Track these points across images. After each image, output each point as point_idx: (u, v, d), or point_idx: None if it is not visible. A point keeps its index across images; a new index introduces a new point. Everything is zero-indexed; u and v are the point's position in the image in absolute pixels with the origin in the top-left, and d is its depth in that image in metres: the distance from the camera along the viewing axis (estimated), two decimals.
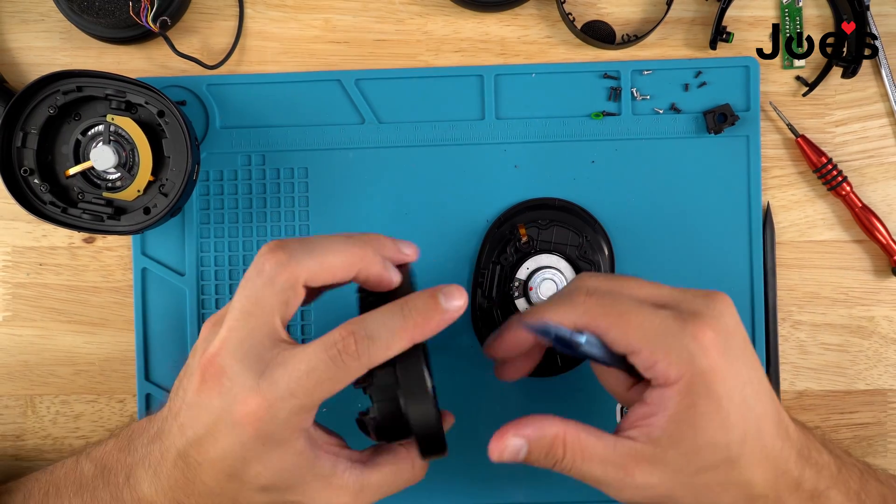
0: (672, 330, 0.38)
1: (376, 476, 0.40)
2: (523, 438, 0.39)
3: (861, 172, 0.55)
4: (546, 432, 0.39)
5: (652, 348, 0.38)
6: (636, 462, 0.38)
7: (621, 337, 0.38)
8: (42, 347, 0.55)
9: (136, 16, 0.51)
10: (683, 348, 0.37)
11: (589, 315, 0.39)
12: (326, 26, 0.55)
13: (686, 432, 0.38)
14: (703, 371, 0.37)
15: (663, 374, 0.38)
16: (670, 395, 0.38)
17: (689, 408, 0.37)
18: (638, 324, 0.38)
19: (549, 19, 0.55)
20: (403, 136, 0.54)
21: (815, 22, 0.55)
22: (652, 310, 0.39)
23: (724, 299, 0.40)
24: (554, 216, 0.53)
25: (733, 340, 0.39)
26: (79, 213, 0.51)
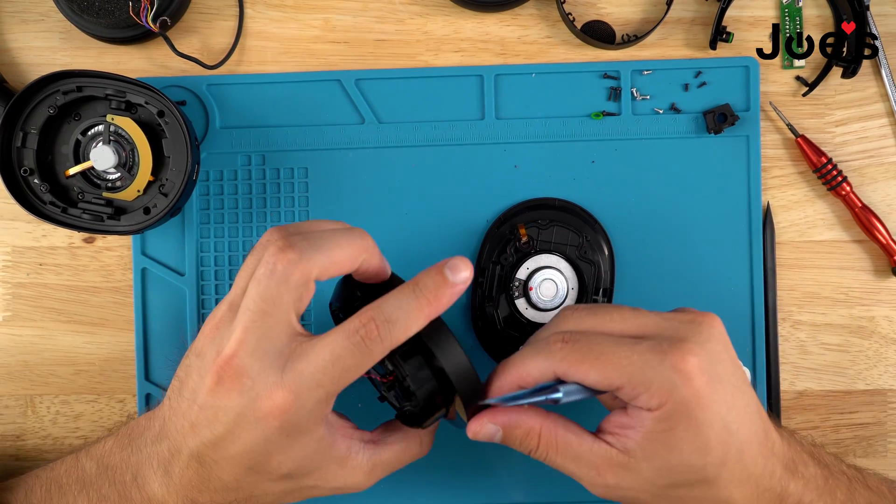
0: (651, 363, 0.38)
1: (387, 454, 0.42)
2: (497, 425, 0.41)
3: (861, 172, 0.55)
4: (521, 423, 0.41)
5: (633, 384, 0.38)
6: (608, 465, 0.39)
7: (601, 378, 0.39)
8: (42, 347, 0.55)
9: (136, 16, 0.51)
10: (664, 380, 0.38)
11: (566, 362, 0.39)
12: (326, 26, 0.55)
13: (660, 451, 0.38)
14: (685, 399, 0.38)
15: (645, 404, 0.38)
16: (648, 417, 0.38)
17: (666, 431, 0.38)
18: (615, 362, 0.38)
19: (549, 19, 0.55)
20: (403, 136, 0.54)
21: (815, 22, 0.55)
22: (630, 345, 0.39)
23: (711, 322, 0.40)
24: (554, 216, 0.53)
25: (719, 365, 0.39)
26: (79, 213, 0.51)
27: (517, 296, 0.52)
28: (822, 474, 0.41)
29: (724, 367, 0.39)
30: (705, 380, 0.38)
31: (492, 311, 0.53)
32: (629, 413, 0.39)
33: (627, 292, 0.54)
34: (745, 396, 0.40)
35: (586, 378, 0.39)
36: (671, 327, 0.40)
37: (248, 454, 0.38)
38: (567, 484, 0.54)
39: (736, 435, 0.39)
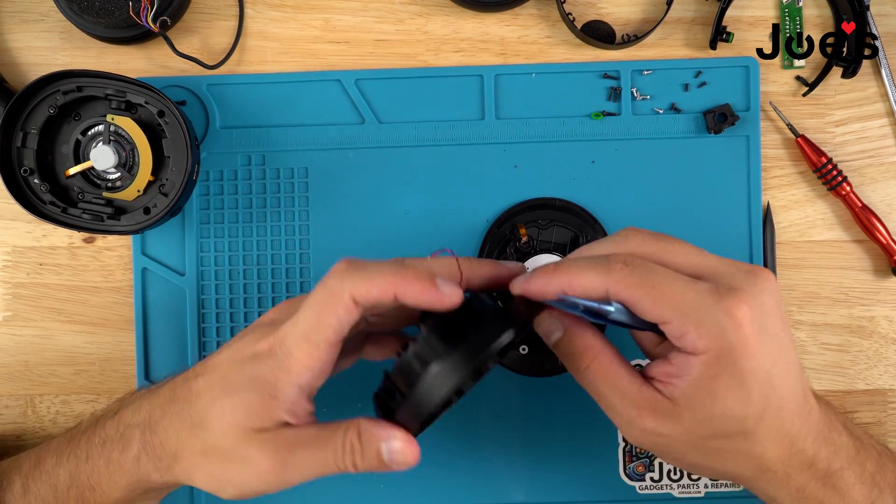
0: (706, 303, 0.38)
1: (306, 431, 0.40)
2: (561, 324, 0.41)
3: (861, 172, 0.55)
4: (585, 336, 0.40)
5: (683, 320, 0.38)
6: (651, 410, 0.39)
7: (652, 307, 0.38)
8: (42, 347, 0.55)
9: (136, 16, 0.51)
10: (715, 322, 0.37)
11: (622, 284, 0.39)
12: (326, 26, 0.55)
13: (704, 400, 0.38)
14: (732, 346, 0.37)
15: (692, 345, 0.38)
16: (695, 363, 0.38)
17: (711, 378, 0.38)
18: (671, 295, 0.38)
19: (549, 19, 0.55)
20: (403, 136, 0.54)
21: (815, 22, 0.55)
22: (688, 282, 0.39)
23: (767, 276, 0.40)
24: (554, 216, 0.53)
25: (769, 319, 0.39)
26: (79, 213, 0.51)
27: None
28: (854, 444, 0.41)
29: (773, 321, 0.39)
30: (755, 329, 0.38)
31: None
32: (674, 361, 0.39)
33: None
34: (790, 355, 0.39)
35: (639, 305, 0.38)
36: (729, 273, 0.39)
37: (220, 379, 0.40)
38: (567, 484, 0.54)
39: (778, 390, 0.38)
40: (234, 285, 0.54)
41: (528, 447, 0.54)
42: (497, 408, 0.54)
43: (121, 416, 0.43)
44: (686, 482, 0.54)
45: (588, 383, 0.40)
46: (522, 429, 0.54)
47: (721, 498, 0.54)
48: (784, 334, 0.39)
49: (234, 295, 0.54)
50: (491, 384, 0.54)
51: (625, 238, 0.41)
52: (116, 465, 0.42)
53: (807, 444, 0.40)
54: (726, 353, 0.37)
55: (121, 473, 0.42)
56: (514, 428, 0.54)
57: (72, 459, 0.43)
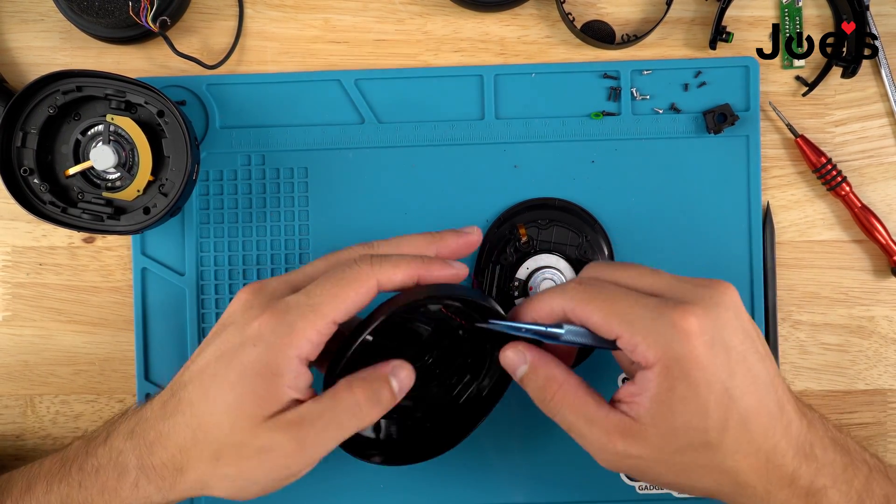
0: (652, 315, 0.39)
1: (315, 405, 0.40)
2: (528, 360, 0.42)
3: (861, 172, 0.55)
4: (548, 367, 0.42)
5: (631, 332, 0.39)
6: (619, 432, 0.40)
7: (603, 322, 0.40)
8: (42, 347, 0.55)
9: (136, 16, 0.51)
10: (660, 333, 0.38)
11: (574, 301, 0.40)
12: (326, 26, 0.55)
13: (665, 414, 0.39)
14: (680, 357, 0.38)
15: (643, 356, 0.39)
16: (651, 377, 0.39)
17: (667, 391, 0.38)
18: (620, 309, 0.39)
19: (549, 19, 0.55)
20: (403, 136, 0.54)
21: (815, 22, 0.55)
22: (637, 297, 0.40)
23: (724, 290, 0.40)
24: (554, 216, 0.53)
25: (725, 331, 0.39)
26: (79, 213, 0.51)
27: (517, 296, 0.52)
28: (842, 461, 0.41)
29: (730, 333, 0.39)
30: (704, 340, 0.38)
31: None
32: (636, 380, 0.40)
33: None
34: (754, 367, 0.39)
35: (590, 319, 0.40)
36: (682, 289, 0.40)
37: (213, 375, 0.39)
38: (567, 484, 0.54)
39: (739, 402, 0.39)
40: (234, 285, 0.54)
41: (528, 447, 0.54)
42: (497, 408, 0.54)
43: (112, 443, 0.42)
44: None
45: (555, 413, 0.42)
46: (522, 429, 0.54)
47: None
48: (746, 346, 0.39)
49: (233, 295, 0.54)
50: None
51: (585, 269, 0.44)
52: (112, 493, 0.41)
53: (786, 460, 0.39)
54: (676, 364, 0.38)
55: (117, 501, 0.41)
56: (514, 428, 0.54)
57: (63, 487, 0.42)
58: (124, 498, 0.41)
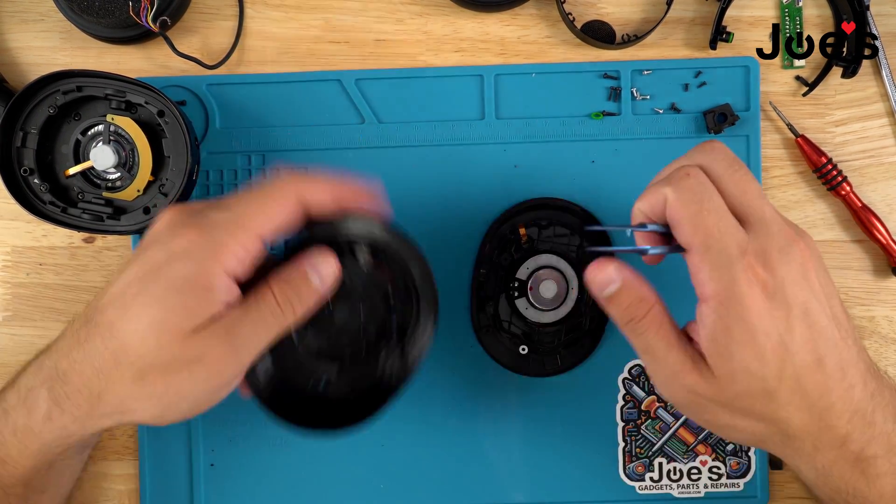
0: (731, 250, 0.38)
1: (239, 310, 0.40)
2: (621, 278, 0.40)
3: (861, 172, 0.55)
4: (641, 288, 0.40)
5: (702, 256, 0.38)
6: (692, 367, 0.39)
7: (690, 231, 0.38)
8: (42, 347, 0.55)
9: (136, 16, 0.51)
10: (728, 271, 0.38)
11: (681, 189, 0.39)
12: (326, 26, 0.55)
13: (723, 354, 0.38)
14: (737, 299, 0.37)
15: (701, 285, 0.38)
16: (707, 312, 0.38)
17: (724, 331, 0.38)
18: (705, 228, 0.38)
19: (549, 19, 0.55)
20: (403, 136, 0.54)
21: (815, 22, 0.55)
22: (729, 223, 0.38)
23: (805, 246, 0.39)
24: (554, 216, 0.53)
25: (792, 288, 0.38)
26: (79, 213, 0.51)
27: (517, 296, 0.52)
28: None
29: (796, 290, 0.38)
30: (768, 292, 0.38)
31: (492, 311, 0.53)
32: (697, 313, 0.39)
33: None
34: (817, 326, 0.39)
35: (678, 223, 0.39)
36: (771, 234, 0.39)
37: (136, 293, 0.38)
38: (567, 484, 0.54)
39: (795, 356, 0.38)
40: None
41: (528, 447, 0.54)
42: (497, 408, 0.54)
43: (19, 383, 0.41)
44: (686, 482, 0.54)
45: (639, 335, 0.40)
46: (522, 429, 0.54)
47: (721, 498, 0.54)
48: (811, 305, 0.39)
49: None
50: (491, 384, 0.54)
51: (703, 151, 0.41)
52: (24, 431, 0.40)
53: (840, 422, 0.39)
54: (734, 305, 0.37)
55: (31, 438, 0.40)
56: (514, 428, 0.54)
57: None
58: (38, 433, 0.40)
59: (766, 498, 0.54)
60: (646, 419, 0.54)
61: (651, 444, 0.54)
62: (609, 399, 0.54)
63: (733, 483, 0.54)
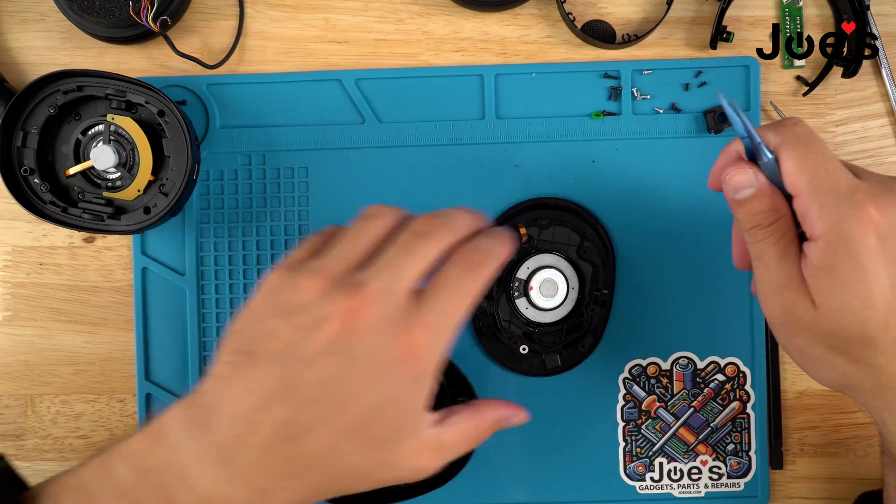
0: (842, 188, 0.37)
1: (452, 434, 0.40)
2: (758, 183, 0.40)
3: None
4: (777, 199, 0.39)
5: (812, 196, 0.37)
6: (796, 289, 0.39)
7: (795, 171, 0.38)
8: (42, 347, 0.55)
9: (137, 15, 0.51)
10: (837, 209, 0.37)
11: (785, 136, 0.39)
12: (326, 26, 0.55)
13: (824, 291, 0.38)
14: (849, 237, 0.37)
15: (811, 225, 0.38)
16: (814, 250, 0.38)
17: (830, 268, 0.37)
18: (816, 167, 0.38)
19: (550, 19, 0.55)
20: (403, 136, 0.54)
21: (815, 22, 0.55)
22: (837, 165, 0.38)
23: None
24: (554, 216, 0.53)
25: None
26: (79, 213, 0.51)
27: (517, 295, 0.52)
28: None
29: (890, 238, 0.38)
30: (880, 234, 0.37)
31: (492, 311, 0.53)
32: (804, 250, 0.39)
33: (628, 292, 0.54)
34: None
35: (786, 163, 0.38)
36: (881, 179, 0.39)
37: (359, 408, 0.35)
38: (567, 484, 0.54)
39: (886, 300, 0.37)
40: (234, 285, 0.54)
41: (528, 447, 0.54)
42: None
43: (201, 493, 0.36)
44: (686, 482, 0.54)
45: (759, 241, 0.40)
46: (522, 429, 0.54)
47: (721, 498, 0.54)
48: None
49: (234, 295, 0.54)
50: (491, 384, 0.54)
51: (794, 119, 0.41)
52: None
53: None
54: (843, 244, 0.37)
55: None
56: (513, 428, 0.54)
57: None
58: None
59: (766, 498, 0.54)
60: (646, 419, 0.54)
61: (651, 443, 0.54)
62: (609, 399, 0.54)
63: (734, 483, 0.54)
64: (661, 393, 0.54)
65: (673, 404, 0.54)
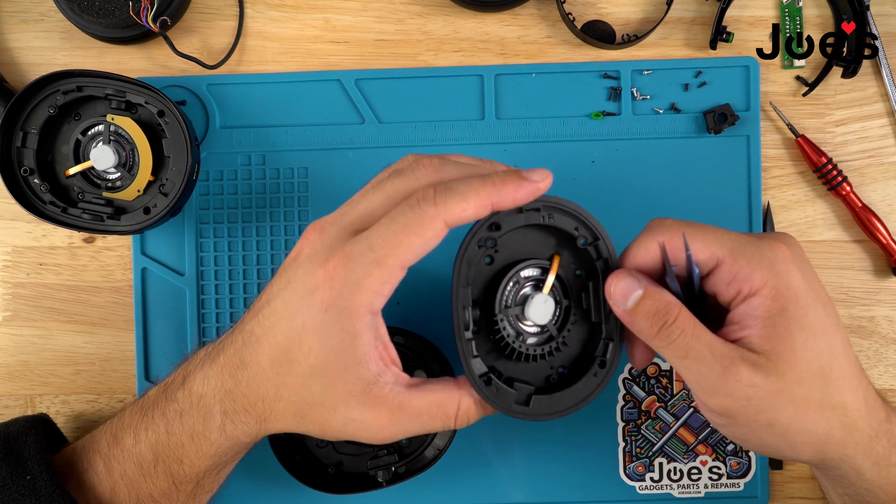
0: (751, 241, 0.39)
1: (418, 400, 0.39)
2: (642, 287, 0.39)
3: (861, 172, 0.55)
4: (665, 295, 0.39)
5: (734, 257, 0.38)
6: (742, 360, 0.38)
7: (704, 247, 0.39)
8: (42, 347, 0.55)
9: (136, 16, 0.51)
10: (763, 256, 0.38)
11: (671, 231, 0.40)
12: (326, 26, 0.55)
13: (782, 335, 0.37)
14: (786, 277, 0.38)
15: (748, 280, 0.38)
16: (758, 303, 0.38)
17: (780, 312, 0.38)
18: (718, 236, 0.39)
19: (549, 19, 0.55)
20: (403, 136, 0.54)
21: (815, 22, 0.55)
22: (726, 230, 0.40)
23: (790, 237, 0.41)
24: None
25: (807, 265, 0.39)
26: (79, 213, 0.51)
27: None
28: None
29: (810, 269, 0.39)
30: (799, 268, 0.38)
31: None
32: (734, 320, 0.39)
33: None
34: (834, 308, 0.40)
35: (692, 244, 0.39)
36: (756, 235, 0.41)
37: (287, 329, 0.38)
38: (567, 484, 0.54)
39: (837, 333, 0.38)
40: (234, 285, 0.54)
41: (528, 447, 0.54)
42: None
43: (190, 388, 0.41)
44: (686, 482, 0.54)
45: (674, 340, 0.38)
46: (522, 429, 0.54)
47: (721, 498, 0.54)
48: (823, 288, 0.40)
49: (234, 295, 0.54)
50: None
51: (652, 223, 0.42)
52: (201, 437, 0.41)
53: (877, 403, 0.40)
54: (783, 285, 0.38)
55: (207, 444, 0.41)
56: (514, 428, 0.54)
57: (151, 434, 0.42)
58: (213, 441, 0.41)
59: (766, 498, 0.54)
60: (646, 419, 0.54)
61: (651, 444, 0.54)
62: (609, 399, 0.54)
63: (733, 483, 0.54)
64: (661, 393, 0.54)
65: (673, 404, 0.54)
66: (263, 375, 0.39)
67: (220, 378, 0.41)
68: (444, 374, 0.50)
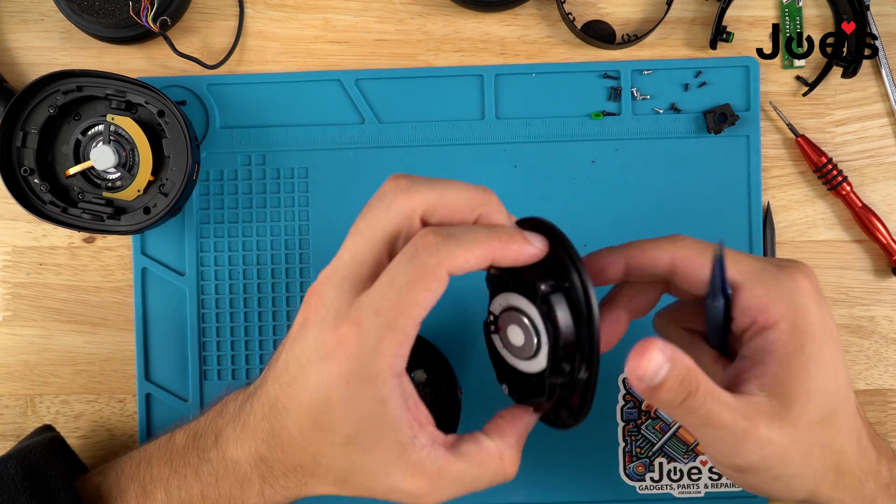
0: (771, 270, 0.37)
1: (458, 464, 0.37)
2: (669, 359, 0.33)
3: (861, 172, 0.55)
4: (686, 359, 0.34)
5: (753, 284, 0.37)
6: (760, 415, 0.35)
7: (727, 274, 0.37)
8: (42, 347, 0.55)
9: (136, 16, 0.51)
10: (783, 287, 0.36)
11: (689, 249, 0.38)
12: (326, 26, 0.55)
13: (798, 376, 0.36)
14: (805, 311, 0.36)
15: (765, 311, 0.36)
16: (776, 336, 0.36)
17: (798, 349, 0.36)
18: (738, 261, 0.37)
19: (549, 19, 0.55)
20: (403, 136, 0.54)
21: (815, 22, 0.55)
22: (747, 254, 0.38)
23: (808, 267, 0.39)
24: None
25: (823, 300, 0.38)
26: (79, 213, 0.51)
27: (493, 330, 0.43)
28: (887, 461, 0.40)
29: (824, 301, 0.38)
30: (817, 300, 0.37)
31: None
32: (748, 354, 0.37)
33: None
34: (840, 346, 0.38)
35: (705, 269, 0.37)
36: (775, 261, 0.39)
37: (311, 400, 0.35)
38: (567, 484, 0.54)
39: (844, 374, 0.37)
40: (234, 285, 0.54)
41: (528, 447, 0.54)
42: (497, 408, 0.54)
43: (224, 451, 0.39)
44: (686, 482, 0.54)
45: (697, 409, 0.35)
46: None
47: (721, 498, 0.54)
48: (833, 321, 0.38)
49: (234, 295, 0.54)
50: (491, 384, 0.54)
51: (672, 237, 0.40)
52: (238, 501, 0.39)
53: (869, 445, 0.39)
54: (801, 319, 0.36)
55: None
56: None
57: (185, 495, 0.40)
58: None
59: (765, 498, 0.54)
60: (646, 419, 0.54)
61: (651, 443, 0.54)
62: (609, 399, 0.54)
63: (733, 483, 0.54)
64: None
65: None
66: (297, 444, 0.37)
67: (253, 443, 0.38)
68: (445, 374, 0.49)
